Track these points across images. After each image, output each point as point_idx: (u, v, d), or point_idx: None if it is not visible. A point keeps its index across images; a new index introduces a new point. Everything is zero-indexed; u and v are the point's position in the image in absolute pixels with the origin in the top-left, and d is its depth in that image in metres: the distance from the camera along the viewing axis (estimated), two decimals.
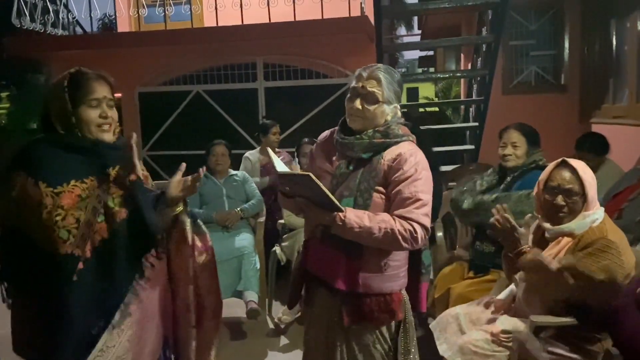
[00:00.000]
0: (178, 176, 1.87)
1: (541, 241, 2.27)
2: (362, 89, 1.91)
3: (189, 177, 1.86)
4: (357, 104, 1.91)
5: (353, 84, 1.96)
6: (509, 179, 2.92)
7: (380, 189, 1.89)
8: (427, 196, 1.87)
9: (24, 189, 1.62)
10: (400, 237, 1.80)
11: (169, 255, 1.88)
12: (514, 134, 2.93)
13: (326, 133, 2.12)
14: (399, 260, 1.96)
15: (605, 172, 3.71)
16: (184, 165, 1.91)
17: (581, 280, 2.03)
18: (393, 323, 1.98)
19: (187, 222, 1.92)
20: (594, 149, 3.83)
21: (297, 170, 2.78)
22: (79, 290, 1.62)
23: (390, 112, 1.95)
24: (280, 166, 1.90)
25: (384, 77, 1.92)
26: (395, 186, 1.86)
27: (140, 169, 1.82)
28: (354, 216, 1.80)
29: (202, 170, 1.90)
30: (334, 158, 1.99)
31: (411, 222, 1.81)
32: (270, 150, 2.02)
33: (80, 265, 1.62)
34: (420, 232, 1.82)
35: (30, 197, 1.61)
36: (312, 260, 2.02)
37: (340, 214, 1.79)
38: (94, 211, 1.67)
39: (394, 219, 1.81)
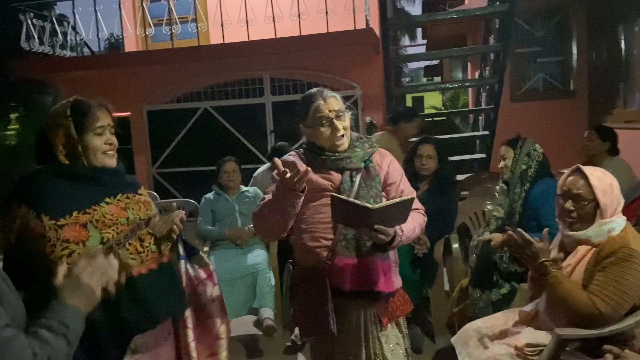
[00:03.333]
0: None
1: (563, 253, 2.23)
2: (332, 112, 2.00)
3: (169, 216, 1.84)
4: (339, 124, 1.99)
5: (318, 114, 1.99)
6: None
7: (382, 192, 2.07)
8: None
9: (26, 222, 1.59)
10: (423, 224, 2.11)
11: None
12: (503, 147, 3.14)
13: (291, 159, 2.10)
14: (396, 254, 2.14)
15: (614, 169, 3.67)
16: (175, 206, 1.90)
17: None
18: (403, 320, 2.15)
19: (181, 264, 1.89)
20: (600, 132, 3.94)
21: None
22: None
23: (350, 118, 2.10)
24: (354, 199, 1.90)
25: (333, 92, 2.07)
26: (397, 185, 2.09)
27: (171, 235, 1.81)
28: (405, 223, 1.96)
29: (181, 214, 1.87)
30: (329, 174, 2.03)
31: (420, 211, 2.12)
32: (342, 197, 1.96)
33: None
34: (425, 216, 2.14)
35: (32, 230, 1.58)
36: (345, 278, 1.98)
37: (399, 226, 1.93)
38: None
39: (413, 214, 2.01)
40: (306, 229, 2.04)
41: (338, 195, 1.88)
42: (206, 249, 3.92)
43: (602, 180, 2.16)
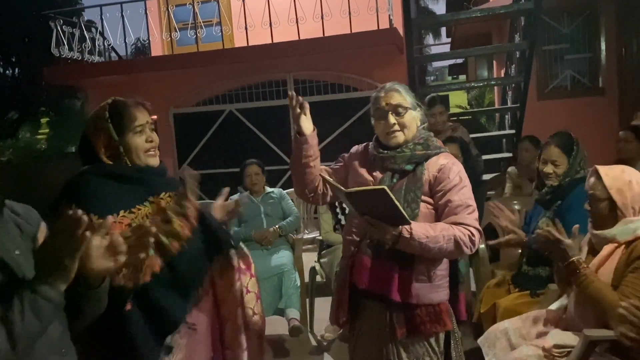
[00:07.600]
0: (220, 200, 1.89)
1: (592, 252, 2.20)
2: (388, 106, 1.99)
3: (232, 202, 1.88)
4: (391, 119, 1.98)
5: (376, 106, 2.03)
6: (548, 197, 2.81)
7: (427, 199, 1.94)
8: (474, 203, 1.95)
9: None
10: (461, 243, 1.85)
11: (214, 279, 1.89)
12: (554, 150, 2.75)
13: (359, 148, 2.17)
14: (444, 270, 2.00)
15: None
16: (226, 190, 1.93)
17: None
18: (442, 335, 2.01)
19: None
20: (637, 132, 3.76)
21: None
22: (131, 321, 1.61)
23: (417, 116, 2.03)
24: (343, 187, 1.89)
25: (400, 86, 2.03)
26: (444, 195, 1.92)
27: (194, 199, 1.82)
28: (419, 227, 1.82)
29: (244, 196, 1.91)
30: (374, 172, 2.03)
31: (467, 227, 1.87)
32: (326, 176, 2.01)
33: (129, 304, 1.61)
34: (477, 235, 1.89)
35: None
36: (361, 276, 2.00)
37: (407, 226, 1.80)
38: None
39: (451, 226, 1.86)
40: (348, 221, 2.11)
41: (324, 176, 1.98)
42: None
43: (618, 180, 2.13)
